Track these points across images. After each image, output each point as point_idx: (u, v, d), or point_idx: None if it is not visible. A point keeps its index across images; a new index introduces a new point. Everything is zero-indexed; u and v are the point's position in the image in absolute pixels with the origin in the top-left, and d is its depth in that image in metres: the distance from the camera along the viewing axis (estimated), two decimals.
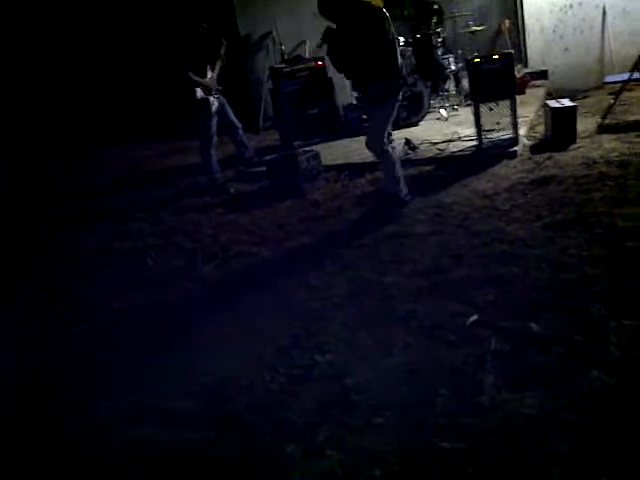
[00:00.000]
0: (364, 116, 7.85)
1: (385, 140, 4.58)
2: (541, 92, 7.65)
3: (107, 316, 3.88)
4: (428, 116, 7.32)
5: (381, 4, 4.70)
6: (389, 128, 4.61)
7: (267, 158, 6.19)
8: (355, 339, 3.06)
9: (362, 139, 6.95)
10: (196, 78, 5.83)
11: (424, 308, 3.22)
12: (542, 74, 8.17)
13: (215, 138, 6.13)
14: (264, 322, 3.40)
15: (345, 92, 8.53)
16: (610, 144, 5.25)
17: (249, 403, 2.69)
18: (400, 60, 4.46)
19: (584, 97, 7.50)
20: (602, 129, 5.69)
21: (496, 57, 5.33)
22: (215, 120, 6.05)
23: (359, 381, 2.69)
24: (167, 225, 5.38)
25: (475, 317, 3.03)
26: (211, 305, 3.75)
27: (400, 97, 4.63)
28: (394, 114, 4.61)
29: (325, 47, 4.58)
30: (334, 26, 4.45)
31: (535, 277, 3.31)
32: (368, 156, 6.27)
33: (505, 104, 5.46)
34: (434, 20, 7.27)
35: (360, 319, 3.25)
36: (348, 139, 7.15)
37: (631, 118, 5.73)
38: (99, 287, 4.33)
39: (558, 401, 2.30)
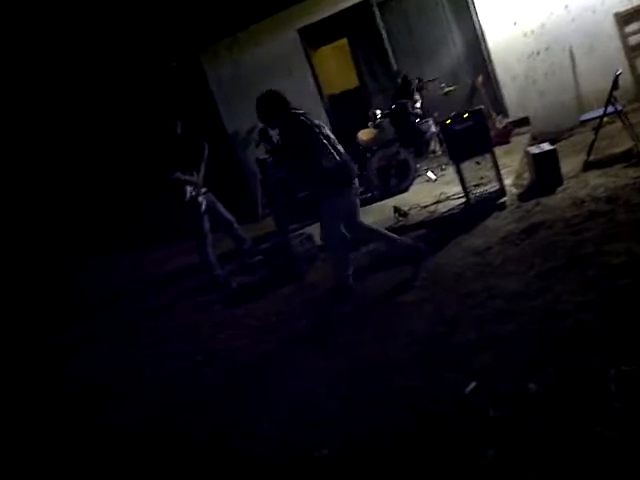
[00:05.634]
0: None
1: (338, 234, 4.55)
2: (525, 139, 7.70)
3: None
4: (417, 180, 7.38)
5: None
6: (340, 222, 4.55)
7: (262, 247, 6.24)
8: (350, 424, 2.96)
9: None
10: (184, 177, 5.95)
11: (422, 382, 3.11)
12: (524, 121, 8.25)
13: (209, 236, 6.20)
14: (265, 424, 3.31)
15: None
16: (596, 180, 5.20)
17: None
18: (331, 159, 4.34)
19: (570, 136, 7.52)
20: (587, 166, 5.66)
21: (466, 115, 5.39)
22: (206, 218, 6.14)
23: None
24: (165, 332, 5.36)
25: (473, 384, 2.91)
26: (215, 410, 3.66)
27: (348, 192, 4.47)
28: (343, 209, 4.52)
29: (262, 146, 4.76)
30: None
31: (531, 331, 3.20)
32: None
33: (487, 158, 5.50)
34: (406, 89, 7.46)
35: (355, 400, 3.16)
36: None
37: (614, 151, 5.70)
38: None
39: (563, 465, 2.16)
